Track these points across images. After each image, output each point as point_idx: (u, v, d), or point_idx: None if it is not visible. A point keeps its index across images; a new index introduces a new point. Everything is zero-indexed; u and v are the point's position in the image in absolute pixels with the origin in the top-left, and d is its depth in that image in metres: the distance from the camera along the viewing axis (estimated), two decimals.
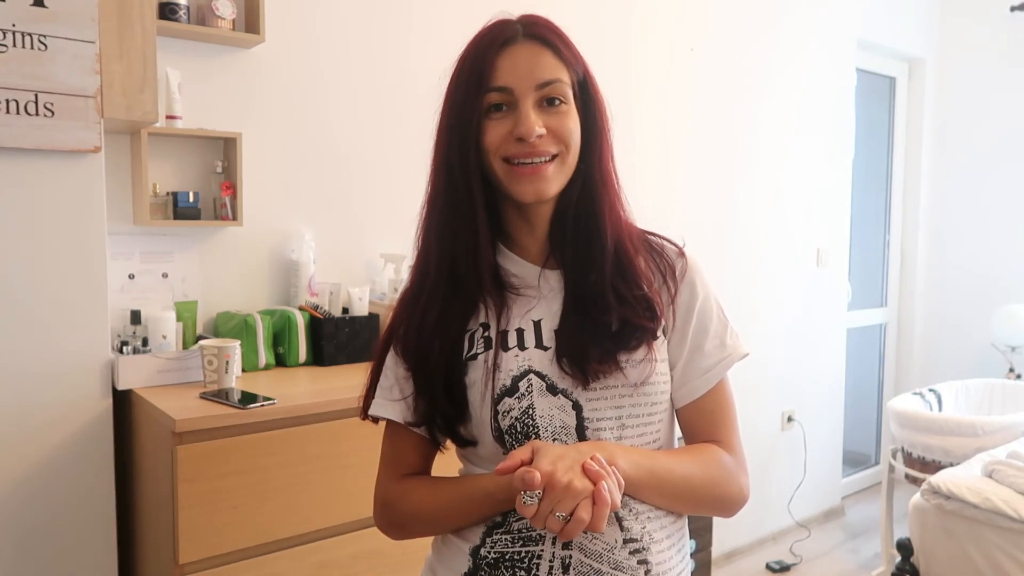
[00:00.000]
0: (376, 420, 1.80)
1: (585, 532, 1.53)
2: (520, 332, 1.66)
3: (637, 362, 1.63)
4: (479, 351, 1.66)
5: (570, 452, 1.47)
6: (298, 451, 2.91)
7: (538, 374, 1.62)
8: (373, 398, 1.79)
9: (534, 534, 1.60)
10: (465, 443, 1.71)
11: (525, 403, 1.61)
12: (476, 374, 1.64)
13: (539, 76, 1.61)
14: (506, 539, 1.62)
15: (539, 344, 1.65)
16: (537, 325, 1.67)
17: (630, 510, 1.60)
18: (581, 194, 1.69)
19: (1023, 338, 6.57)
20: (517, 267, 1.74)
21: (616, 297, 1.65)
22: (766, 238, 6.06)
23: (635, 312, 1.64)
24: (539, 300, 1.70)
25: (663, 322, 1.70)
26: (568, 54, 1.66)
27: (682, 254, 1.78)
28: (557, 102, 1.63)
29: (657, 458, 1.62)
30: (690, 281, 1.75)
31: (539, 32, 1.64)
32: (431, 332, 1.67)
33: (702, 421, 1.77)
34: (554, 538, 1.58)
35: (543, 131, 1.60)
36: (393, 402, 1.74)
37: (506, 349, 1.65)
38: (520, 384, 1.62)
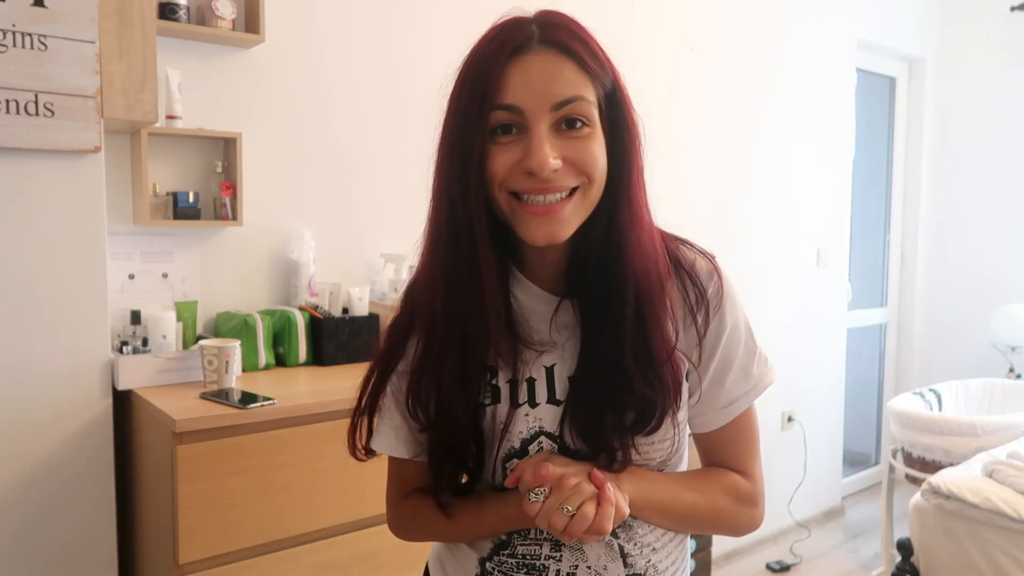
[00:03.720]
0: (371, 453, 1.67)
1: (589, 568, 1.52)
2: (531, 383, 1.52)
3: (658, 443, 1.53)
4: (485, 402, 1.53)
5: (577, 463, 1.44)
6: (298, 451, 2.91)
7: (549, 436, 1.51)
8: (370, 431, 1.65)
9: (537, 563, 1.54)
10: (467, 493, 1.61)
11: None
12: (484, 425, 1.53)
13: (557, 94, 1.36)
14: (511, 563, 1.57)
15: (551, 398, 1.51)
16: (550, 372, 1.52)
17: (634, 544, 1.55)
18: (606, 235, 1.47)
19: (1023, 338, 6.57)
20: (531, 297, 1.56)
21: (637, 368, 1.46)
22: (767, 238, 6.07)
23: (656, 389, 1.47)
24: (553, 345, 1.53)
25: (686, 367, 1.55)
26: (594, 64, 1.41)
27: (714, 272, 1.59)
28: (579, 124, 1.38)
29: (665, 486, 1.54)
30: (721, 312, 1.58)
31: (559, 37, 1.40)
32: (449, 395, 1.50)
33: (719, 449, 1.67)
34: (556, 570, 1.53)
35: (559, 163, 1.36)
36: (403, 442, 1.63)
37: (516, 406, 1.51)
38: (530, 448, 1.52)
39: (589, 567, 1.53)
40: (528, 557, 1.55)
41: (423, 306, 1.55)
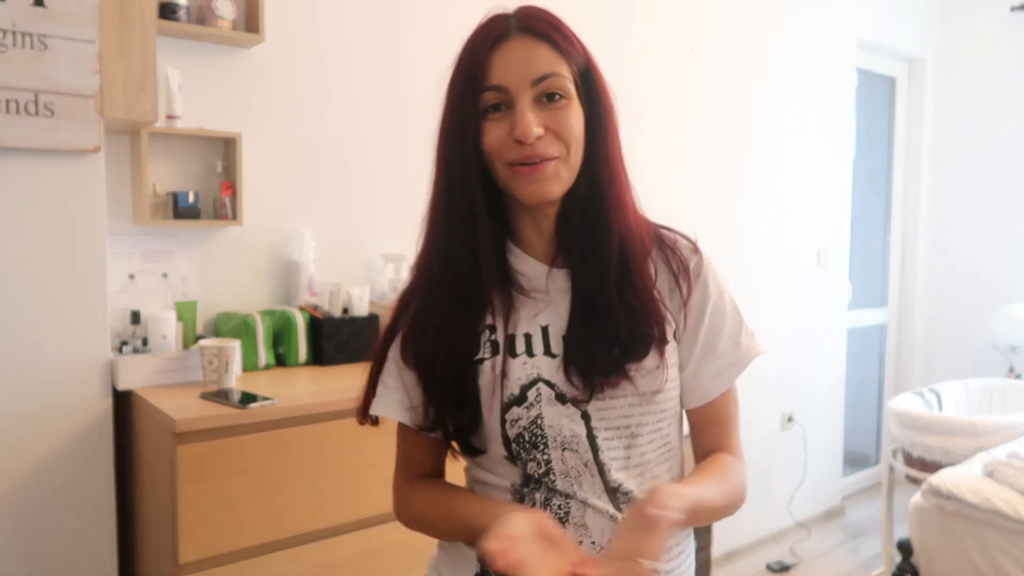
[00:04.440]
0: (376, 422, 1.75)
1: (594, 543, 1.57)
2: (528, 337, 1.62)
3: (647, 371, 1.59)
4: (485, 356, 1.62)
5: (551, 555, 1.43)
6: (298, 451, 2.92)
7: (547, 383, 1.59)
8: (374, 395, 1.73)
9: None
10: (474, 452, 1.67)
11: (533, 412, 1.58)
12: (483, 380, 1.61)
13: (535, 71, 1.53)
14: None
15: (547, 351, 1.61)
16: (545, 331, 1.63)
17: None
18: (588, 192, 1.62)
19: (1023, 338, 6.57)
20: (525, 266, 1.67)
21: (622, 304, 1.59)
22: (767, 238, 6.08)
23: (641, 320, 1.59)
24: (547, 304, 1.65)
25: (673, 326, 1.67)
26: (566, 45, 1.58)
27: (696, 250, 1.73)
28: (557, 97, 1.55)
29: (701, 498, 1.57)
30: (704, 280, 1.70)
31: (534, 24, 1.57)
32: (437, 338, 1.62)
33: (710, 424, 1.76)
34: None
35: (541, 131, 1.52)
36: (398, 403, 1.70)
37: (514, 355, 1.61)
38: (528, 393, 1.59)
39: (593, 542, 1.58)
40: None
41: (422, 265, 1.70)
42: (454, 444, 1.72)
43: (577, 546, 1.49)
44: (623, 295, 1.60)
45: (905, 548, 4.32)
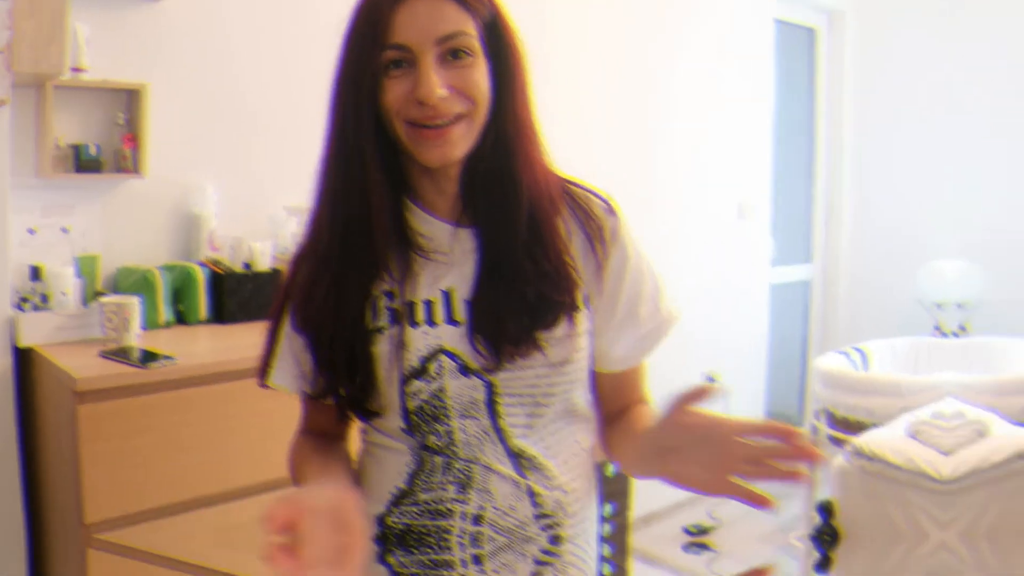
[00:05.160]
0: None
1: (497, 508, 1.55)
2: (429, 304, 1.58)
3: (558, 340, 1.56)
4: (383, 324, 1.58)
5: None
6: (202, 410, 2.91)
7: (449, 354, 1.56)
8: (271, 364, 1.72)
9: (442, 507, 1.58)
10: (370, 415, 1.63)
11: (435, 385, 1.56)
12: (381, 349, 1.57)
13: (439, 30, 1.48)
14: (413, 511, 1.59)
15: (450, 319, 1.57)
16: (448, 296, 1.59)
17: (544, 485, 1.59)
18: (494, 147, 1.57)
19: (949, 295, 6.62)
20: (426, 225, 1.62)
21: (533, 266, 1.55)
22: (685, 190, 6.06)
23: (552, 284, 1.56)
24: (450, 267, 1.60)
25: (585, 291, 1.63)
26: (472, 0, 1.53)
27: (612, 210, 1.68)
28: (462, 55, 1.50)
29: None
30: (622, 242, 1.67)
31: None
32: (326, 303, 1.58)
33: (627, 385, 1.76)
34: (463, 513, 1.56)
35: (445, 92, 1.48)
36: (290, 372, 1.69)
37: (414, 325, 1.57)
38: (430, 366, 1.56)
39: (496, 508, 1.57)
40: (432, 503, 1.59)
41: (314, 224, 1.64)
42: (348, 411, 1.68)
43: (362, 537, 1.36)
44: (533, 256, 1.56)
45: (826, 510, 4.31)
